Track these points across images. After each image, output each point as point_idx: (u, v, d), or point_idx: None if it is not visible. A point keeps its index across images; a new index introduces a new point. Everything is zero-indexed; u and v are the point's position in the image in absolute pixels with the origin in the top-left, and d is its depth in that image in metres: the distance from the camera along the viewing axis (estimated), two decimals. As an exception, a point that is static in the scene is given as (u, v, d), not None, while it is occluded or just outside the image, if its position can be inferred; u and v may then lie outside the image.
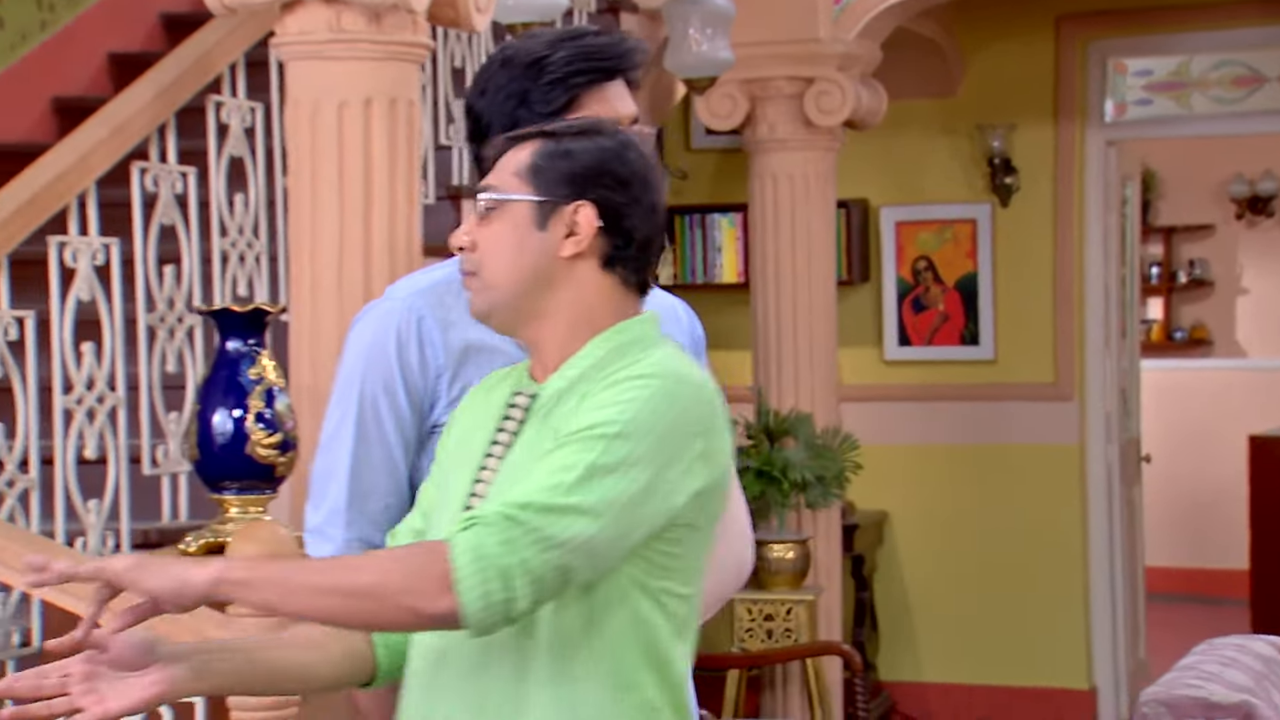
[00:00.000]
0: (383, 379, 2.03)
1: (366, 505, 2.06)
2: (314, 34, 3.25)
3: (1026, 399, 6.42)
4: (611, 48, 2.04)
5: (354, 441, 2.05)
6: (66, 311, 3.41)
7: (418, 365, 2.02)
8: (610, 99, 2.02)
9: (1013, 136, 6.37)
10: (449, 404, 2.02)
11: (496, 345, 2.01)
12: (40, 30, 5.11)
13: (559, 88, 2.01)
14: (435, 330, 2.03)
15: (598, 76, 2.02)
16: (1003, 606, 6.43)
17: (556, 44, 2.04)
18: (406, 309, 2.05)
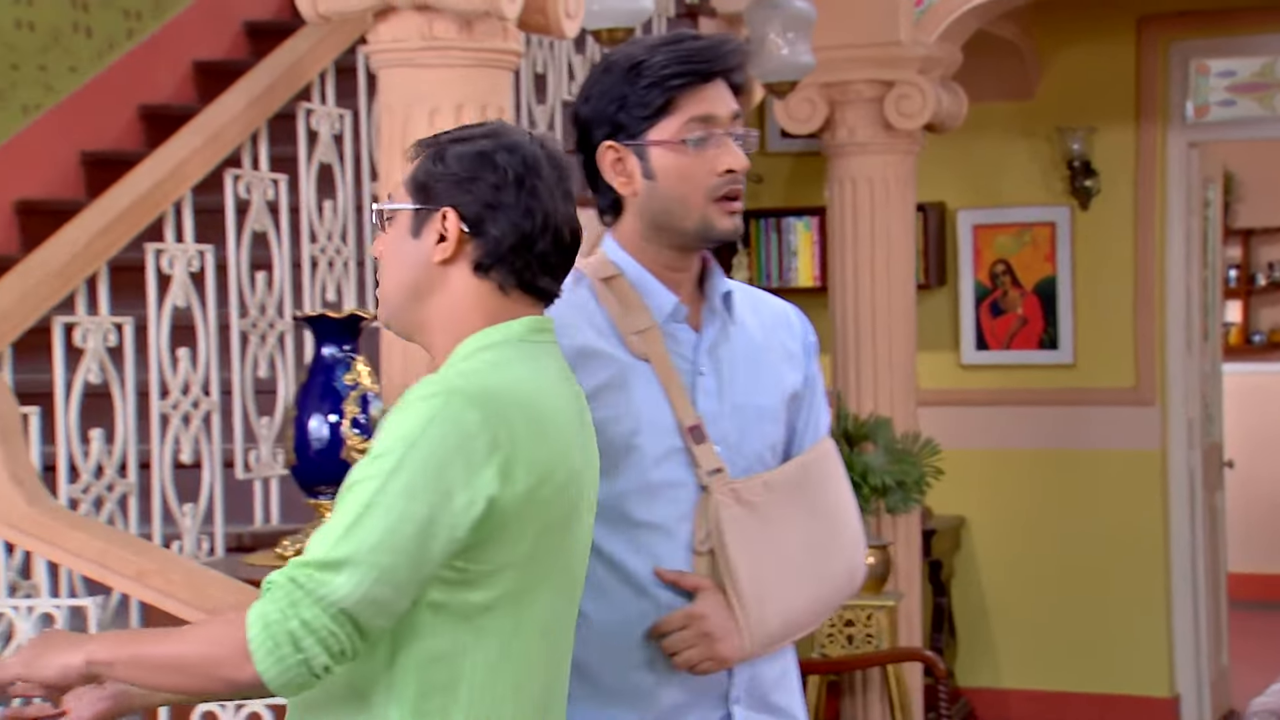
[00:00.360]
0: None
1: None
2: (406, 41, 3.27)
3: (1107, 404, 6.36)
4: (708, 50, 2.05)
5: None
6: (163, 318, 3.45)
7: None
8: (707, 99, 2.03)
9: (1093, 139, 6.32)
10: None
11: (606, 350, 2.03)
12: (127, 39, 5.17)
13: (655, 90, 2.03)
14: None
15: (693, 79, 2.02)
16: (1083, 613, 6.38)
17: (655, 48, 2.06)
18: None
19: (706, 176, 2.02)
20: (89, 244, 3.29)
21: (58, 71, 4.94)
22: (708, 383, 2.06)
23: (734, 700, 2.06)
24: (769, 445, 2.10)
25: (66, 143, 4.95)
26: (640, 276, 2.07)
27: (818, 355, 2.21)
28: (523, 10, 3.33)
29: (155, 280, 3.46)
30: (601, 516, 2.01)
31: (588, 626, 2.03)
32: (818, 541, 2.08)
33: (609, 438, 2.00)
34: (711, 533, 2.01)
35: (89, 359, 3.28)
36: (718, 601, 2.01)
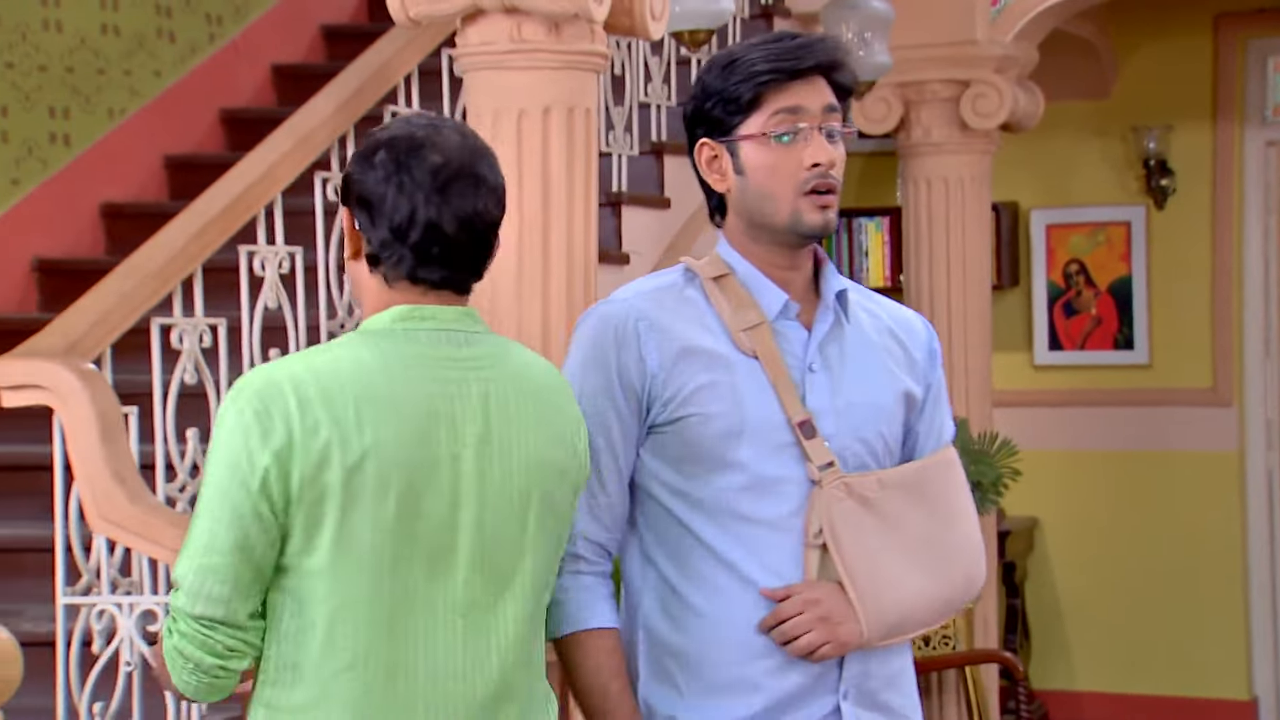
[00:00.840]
0: (603, 380, 2.06)
1: (589, 503, 2.09)
2: (495, 44, 3.29)
3: (1183, 404, 6.32)
4: (799, 46, 2.06)
5: None
6: (255, 318, 3.50)
7: (634, 367, 2.06)
8: (795, 94, 2.04)
9: (1169, 138, 6.27)
10: (668, 403, 2.05)
11: (711, 348, 2.06)
12: (209, 43, 5.24)
13: (745, 85, 2.05)
14: (652, 333, 2.06)
15: (780, 74, 2.04)
16: (1159, 615, 6.34)
17: (754, 46, 2.09)
18: (626, 311, 2.08)
19: (794, 171, 2.03)
20: (184, 247, 3.34)
21: (142, 76, 5.01)
22: (819, 379, 2.08)
23: (843, 695, 2.07)
24: (880, 442, 2.11)
25: (150, 146, 5.02)
26: (750, 274, 2.09)
27: (941, 363, 2.21)
28: (609, 13, 3.35)
29: (248, 281, 3.51)
30: (709, 513, 2.03)
31: (699, 621, 2.05)
32: (935, 542, 2.09)
33: (714, 434, 2.03)
34: (824, 527, 2.02)
35: (185, 359, 3.33)
36: (831, 589, 2.03)
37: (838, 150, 2.06)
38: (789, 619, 2.02)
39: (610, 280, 4.22)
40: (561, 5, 3.22)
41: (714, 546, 2.04)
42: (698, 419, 2.03)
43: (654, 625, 2.09)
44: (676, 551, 2.07)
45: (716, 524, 2.04)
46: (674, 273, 2.14)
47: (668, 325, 2.06)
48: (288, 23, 5.53)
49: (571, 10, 3.23)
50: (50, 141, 4.72)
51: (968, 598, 2.16)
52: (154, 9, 5.03)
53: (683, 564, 2.07)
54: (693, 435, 2.04)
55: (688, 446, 2.05)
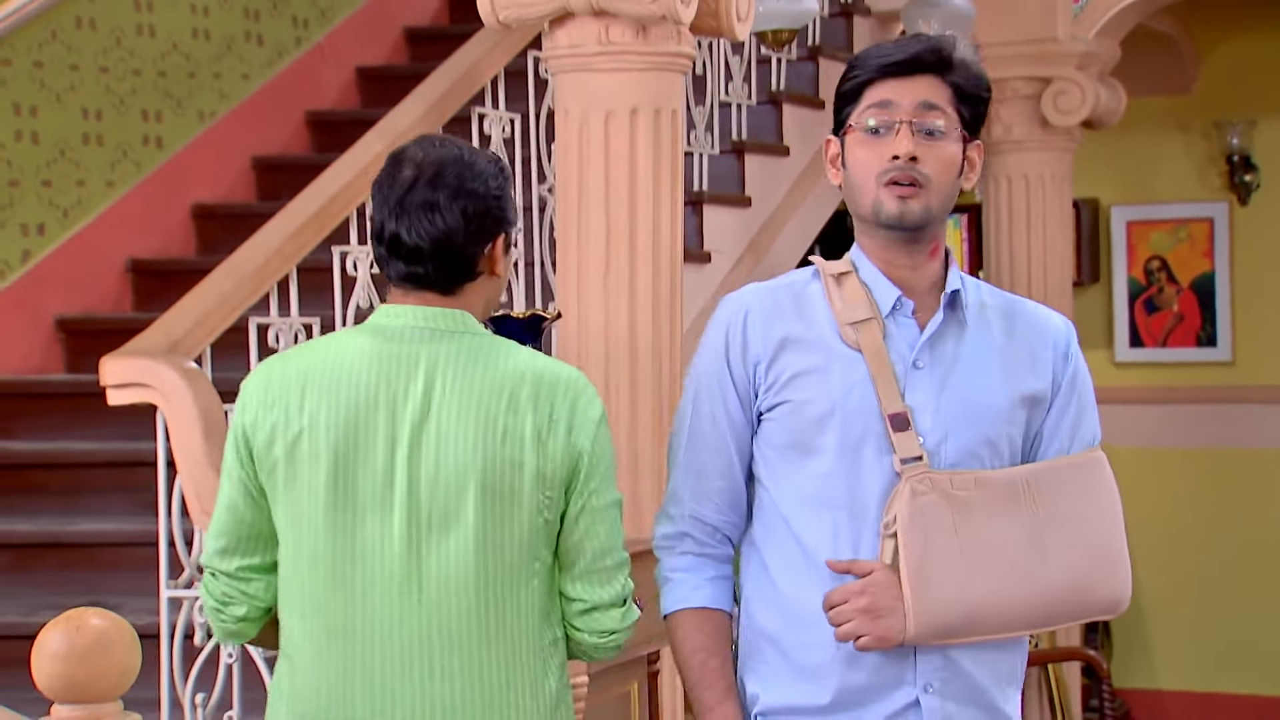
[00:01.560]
0: (715, 365, 2.16)
1: (700, 485, 2.17)
2: (583, 46, 3.33)
3: (1266, 402, 6.27)
4: (899, 46, 2.12)
5: (689, 425, 2.18)
6: (349, 317, 3.55)
7: (740, 355, 2.14)
8: (889, 89, 2.09)
9: (1252, 133, 6.23)
10: (768, 390, 2.12)
11: (813, 339, 2.12)
12: (295, 46, 5.31)
13: (851, 80, 2.13)
14: (759, 323, 2.14)
15: (879, 71, 2.10)
16: (1240, 614, 6.29)
17: (873, 46, 2.17)
18: (740, 304, 2.17)
19: (878, 162, 2.07)
20: (280, 247, 3.40)
21: (231, 79, 5.09)
22: (923, 375, 2.10)
23: (924, 688, 2.08)
24: (986, 442, 2.10)
25: (239, 148, 5.10)
26: (870, 272, 2.14)
27: (1080, 364, 2.19)
28: (695, 14, 3.38)
29: (340, 281, 3.57)
30: (798, 498, 2.10)
31: (784, 604, 2.11)
32: (1035, 547, 2.07)
33: (806, 421, 2.09)
34: (898, 517, 2.05)
35: (281, 358, 3.39)
36: (887, 581, 2.05)
37: (933, 147, 2.07)
38: (836, 605, 2.06)
39: (692, 279, 4.25)
40: (649, 8, 3.25)
41: (799, 531, 2.10)
42: (792, 405, 2.10)
43: (751, 608, 2.16)
44: (772, 536, 2.14)
45: (804, 509, 2.10)
46: (805, 271, 2.21)
47: (775, 317, 2.13)
48: (371, 25, 5.60)
49: (659, 13, 3.27)
50: (143, 144, 4.82)
51: (1087, 610, 2.14)
52: (242, 13, 5.11)
53: (776, 548, 2.13)
54: (788, 421, 2.11)
55: (785, 433, 2.11)
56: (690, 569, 2.16)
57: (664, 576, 2.19)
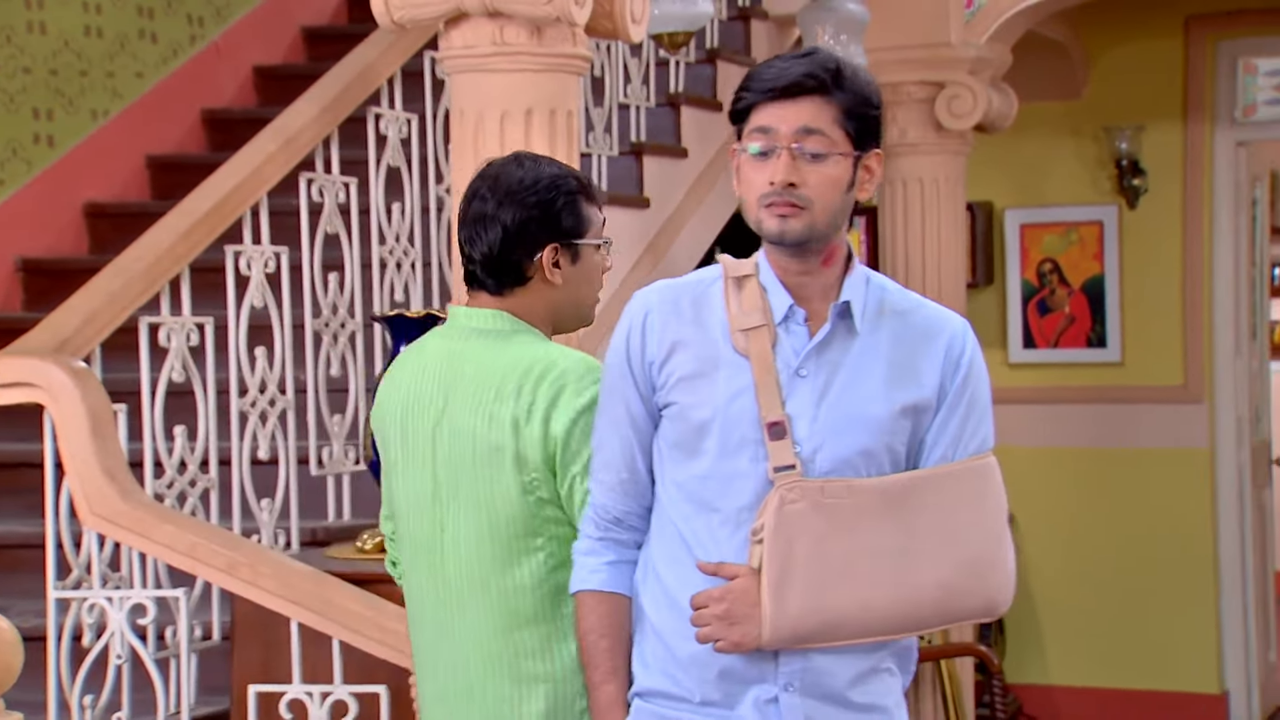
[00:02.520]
0: (618, 363, 2.22)
1: (604, 476, 2.24)
2: (478, 47, 3.34)
3: (1155, 402, 6.39)
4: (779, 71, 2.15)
5: (600, 419, 2.26)
6: (242, 318, 3.54)
7: (639, 353, 2.20)
8: (770, 114, 2.14)
9: (1140, 138, 6.35)
10: (660, 390, 2.19)
11: (703, 343, 2.17)
12: (190, 44, 5.27)
13: (741, 100, 2.18)
14: (656, 324, 2.19)
15: (753, 98, 2.15)
16: (1131, 610, 6.41)
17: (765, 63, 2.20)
18: (643, 302, 2.23)
19: (759, 185, 2.13)
20: (172, 246, 3.38)
21: (124, 77, 5.04)
22: (805, 384, 2.14)
23: (784, 686, 2.13)
24: (863, 452, 2.13)
25: (133, 146, 5.05)
26: (768, 277, 2.17)
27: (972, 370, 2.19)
28: (590, 16, 3.40)
29: (234, 281, 3.55)
30: (683, 497, 2.17)
31: (666, 598, 2.18)
32: (907, 554, 2.10)
33: (690, 423, 2.16)
34: (766, 524, 2.09)
35: (172, 358, 3.37)
36: (746, 587, 2.10)
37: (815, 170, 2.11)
38: (699, 608, 2.13)
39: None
40: (543, 9, 3.27)
41: (682, 530, 2.17)
42: (679, 408, 2.16)
43: (642, 600, 2.22)
44: (661, 529, 2.21)
45: (686, 507, 2.17)
46: (714, 270, 2.24)
47: (672, 319, 2.18)
48: (269, 24, 5.57)
49: (553, 14, 3.28)
50: (34, 142, 4.75)
51: (957, 615, 2.17)
52: (136, 11, 5.06)
53: (663, 541, 2.20)
54: (675, 423, 2.17)
55: (673, 433, 2.18)
56: (590, 553, 2.24)
57: (571, 558, 2.27)
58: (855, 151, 2.13)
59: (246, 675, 3.05)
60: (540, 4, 3.27)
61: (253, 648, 3.08)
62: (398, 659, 2.87)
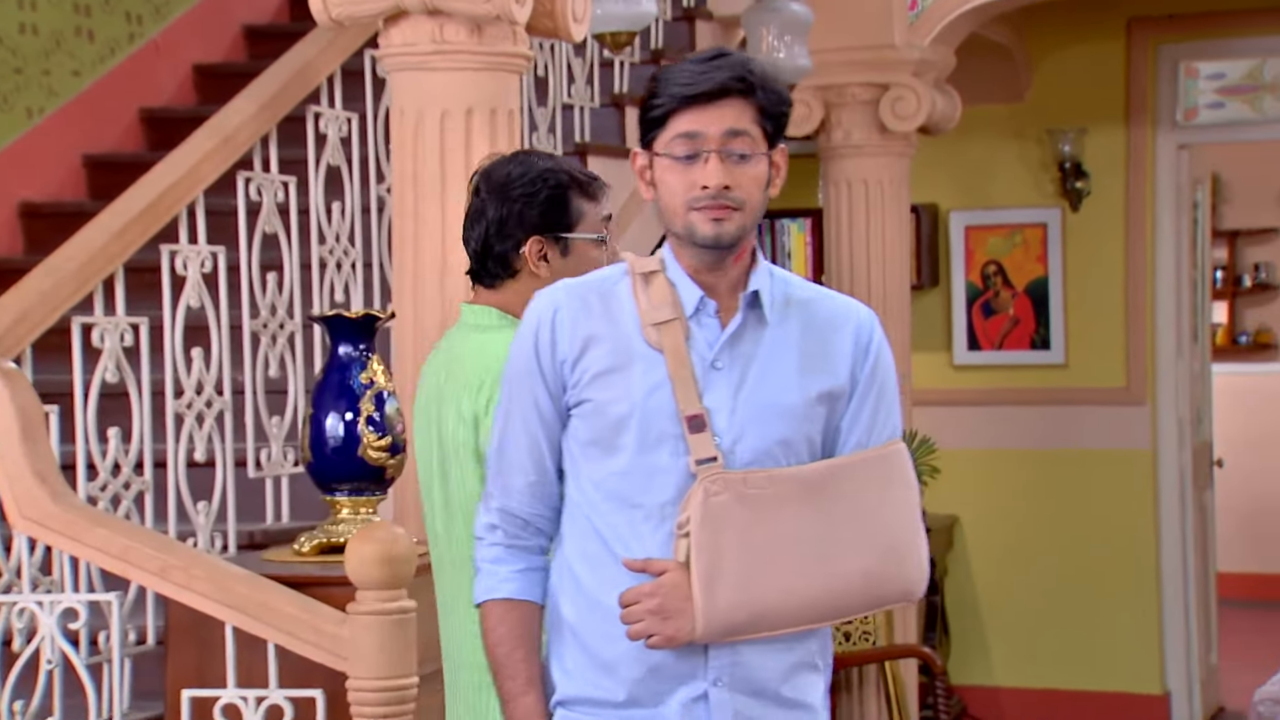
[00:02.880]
0: (525, 362, 2.19)
1: (511, 479, 2.21)
2: (417, 45, 3.32)
3: (1098, 403, 6.43)
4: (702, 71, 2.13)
5: (503, 420, 2.22)
6: (178, 318, 3.49)
7: (549, 351, 2.17)
8: (696, 118, 2.12)
9: (1083, 140, 6.38)
10: (574, 388, 2.16)
11: (616, 338, 2.16)
12: (129, 42, 5.20)
13: (656, 104, 2.14)
14: (566, 321, 2.17)
15: (674, 103, 2.13)
16: (1074, 611, 6.44)
17: (679, 65, 2.16)
18: (550, 301, 2.20)
19: (688, 189, 2.12)
20: (105, 246, 3.33)
21: (60, 75, 4.97)
22: (721, 376, 2.14)
23: (713, 681, 2.13)
24: (782, 441, 2.14)
25: (69, 146, 4.99)
26: (676, 273, 2.18)
27: (880, 357, 2.21)
28: (531, 15, 3.38)
29: (170, 281, 3.50)
30: (601, 496, 2.15)
31: (585, 599, 2.15)
32: (828, 542, 2.12)
33: (607, 419, 2.14)
34: (691, 518, 2.09)
35: (106, 359, 3.32)
36: (677, 582, 2.09)
37: (743, 171, 2.11)
38: (629, 605, 2.11)
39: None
40: (483, 7, 3.24)
41: (600, 527, 2.15)
42: (595, 404, 2.14)
43: (556, 598, 2.19)
44: (576, 530, 2.18)
45: (605, 505, 2.14)
46: (618, 267, 2.23)
47: (582, 315, 2.16)
48: (209, 22, 5.51)
49: (493, 12, 3.26)
50: (-32, 141, 4.69)
51: (879, 601, 2.18)
52: (72, 8, 5.00)
53: (579, 542, 2.17)
54: (591, 420, 2.15)
55: (588, 430, 2.15)
56: (499, 560, 2.20)
57: (476, 567, 2.23)
58: (769, 149, 2.13)
59: (180, 680, 3.00)
60: (480, 2, 3.25)
61: (187, 652, 3.03)
62: (334, 662, 2.84)
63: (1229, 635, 7.03)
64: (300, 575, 3.12)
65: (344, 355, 3.18)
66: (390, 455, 3.11)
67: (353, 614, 2.81)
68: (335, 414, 3.15)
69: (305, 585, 3.03)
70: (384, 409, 3.12)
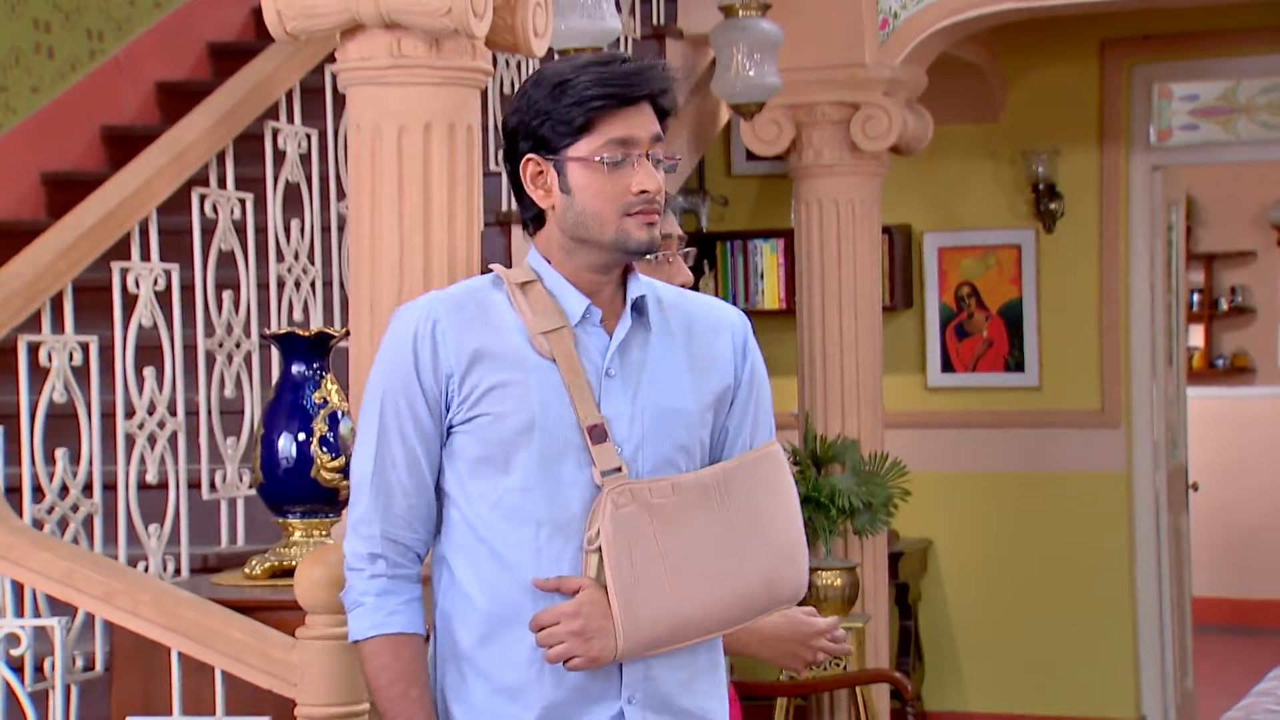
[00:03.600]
0: (401, 379, 2.11)
1: (392, 502, 2.12)
2: (374, 59, 3.25)
3: (1072, 426, 6.38)
4: (631, 75, 2.11)
5: (377, 442, 2.12)
6: (129, 337, 3.42)
7: (431, 367, 2.10)
8: (626, 122, 2.10)
9: (1057, 161, 6.35)
10: (462, 403, 2.09)
11: (505, 351, 2.10)
12: (90, 60, 5.14)
13: (577, 109, 2.09)
14: (449, 333, 2.10)
15: (613, 102, 2.09)
16: (1049, 636, 6.39)
17: (583, 68, 2.12)
18: (425, 312, 2.12)
19: (620, 195, 2.09)
20: (53, 262, 3.26)
21: (19, 92, 4.91)
22: (615, 384, 2.11)
23: (627, 700, 2.08)
24: (680, 448, 2.12)
25: (27, 163, 4.92)
26: (555, 281, 2.13)
27: (755, 357, 2.22)
28: (491, 29, 3.33)
29: (121, 299, 3.43)
30: (497, 514, 2.08)
31: (482, 621, 2.08)
32: (731, 547, 2.10)
33: (504, 435, 2.07)
34: (601, 532, 2.04)
35: (54, 378, 3.25)
36: (595, 599, 2.04)
37: (662, 177, 2.12)
38: (546, 627, 2.05)
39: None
40: (440, 21, 3.19)
41: (499, 547, 2.08)
42: (489, 419, 2.07)
43: (449, 626, 2.12)
44: (465, 552, 2.10)
45: (503, 524, 2.08)
46: (483, 279, 2.19)
47: (464, 327, 2.10)
48: (172, 39, 5.45)
49: (451, 26, 3.20)
50: (-76, 158, 4.62)
51: (777, 602, 2.16)
52: (31, 24, 4.93)
53: (470, 564, 2.10)
54: (485, 436, 2.08)
55: (480, 446, 2.08)
56: (385, 593, 2.11)
57: (354, 600, 2.12)
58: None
59: (126, 707, 2.93)
60: (438, 15, 3.19)
61: (133, 678, 2.95)
62: (283, 689, 2.76)
63: (1204, 661, 6.98)
64: (250, 600, 3.06)
65: (297, 374, 3.13)
66: (343, 476, 3.04)
67: (302, 639, 2.73)
68: (288, 434, 3.09)
69: (255, 610, 2.97)
70: (338, 429, 3.05)
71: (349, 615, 2.14)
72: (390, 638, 2.10)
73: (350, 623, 2.13)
